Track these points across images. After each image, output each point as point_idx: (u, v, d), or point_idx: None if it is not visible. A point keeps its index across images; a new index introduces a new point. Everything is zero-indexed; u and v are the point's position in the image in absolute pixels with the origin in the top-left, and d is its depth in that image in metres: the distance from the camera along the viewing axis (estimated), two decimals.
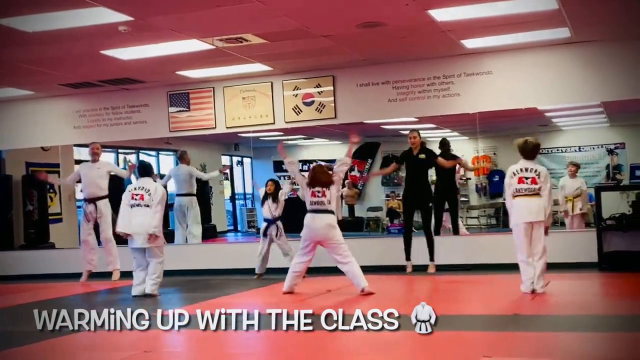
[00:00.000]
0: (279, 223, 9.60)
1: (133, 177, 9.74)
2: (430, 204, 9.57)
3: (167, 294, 8.38)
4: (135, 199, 8.28)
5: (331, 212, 7.69)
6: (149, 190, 8.28)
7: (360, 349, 4.85)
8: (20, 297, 8.95)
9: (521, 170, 7.27)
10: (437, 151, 10.42)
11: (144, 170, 8.58)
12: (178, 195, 11.60)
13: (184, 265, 10.67)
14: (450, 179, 10.51)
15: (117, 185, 10.86)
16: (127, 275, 9.82)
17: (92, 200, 9.95)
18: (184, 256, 10.95)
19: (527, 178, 7.22)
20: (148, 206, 8.22)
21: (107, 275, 10.14)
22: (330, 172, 7.84)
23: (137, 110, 11.38)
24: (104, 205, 9.94)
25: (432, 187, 10.15)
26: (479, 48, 9.57)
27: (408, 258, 9.48)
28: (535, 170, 7.25)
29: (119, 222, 8.44)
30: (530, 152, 7.33)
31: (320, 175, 7.74)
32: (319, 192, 7.66)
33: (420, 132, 9.79)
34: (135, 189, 8.34)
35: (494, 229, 14.08)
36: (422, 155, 9.46)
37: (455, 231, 10.51)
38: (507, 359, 4.65)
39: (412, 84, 10.08)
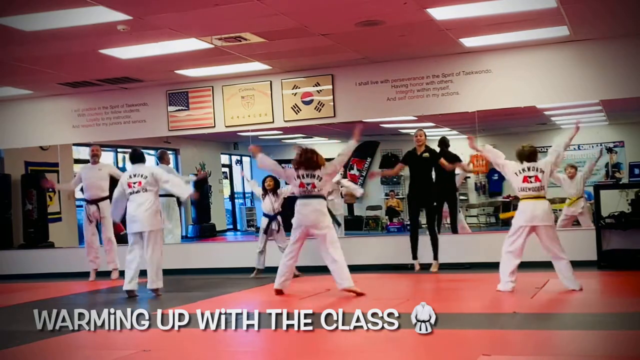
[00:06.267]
0: (279, 218, 9.56)
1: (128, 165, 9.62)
2: (435, 203, 9.55)
3: (166, 293, 8.37)
4: (133, 187, 8.27)
5: (322, 197, 7.59)
6: (145, 175, 8.28)
7: (360, 348, 4.85)
8: (20, 296, 8.95)
9: (524, 170, 7.31)
10: (437, 149, 10.41)
11: (136, 157, 8.53)
12: None
13: (183, 264, 10.67)
14: (449, 178, 10.51)
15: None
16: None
17: (94, 202, 9.98)
18: (184, 255, 10.95)
19: (530, 177, 7.26)
20: (147, 191, 8.25)
21: (107, 274, 10.16)
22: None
23: (136, 110, 11.37)
24: (106, 206, 9.97)
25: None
26: (477, 47, 9.57)
27: (415, 257, 9.47)
28: (537, 168, 7.27)
29: (112, 212, 8.57)
30: (527, 157, 7.38)
31: (310, 156, 7.59)
32: (308, 184, 7.54)
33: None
34: (130, 177, 8.32)
35: (493, 228, 14.10)
36: (426, 155, 9.44)
37: (454, 230, 10.51)
38: (506, 357, 4.66)
39: (411, 83, 10.08)
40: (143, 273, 8.44)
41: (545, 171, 7.28)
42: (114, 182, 10.22)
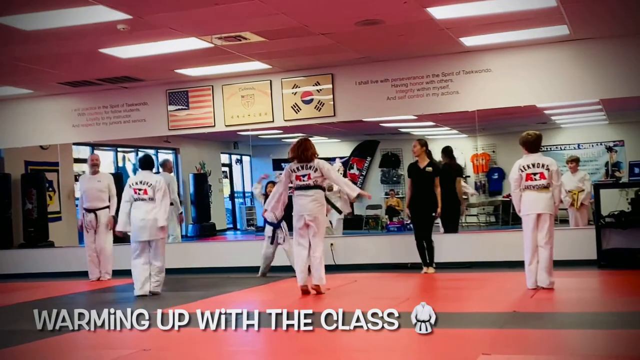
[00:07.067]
0: (284, 224, 9.33)
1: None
2: (433, 214, 9.43)
3: (166, 293, 8.37)
4: (139, 194, 8.26)
5: (319, 187, 7.58)
6: (151, 184, 8.27)
7: (360, 348, 4.85)
8: (20, 296, 8.94)
9: (528, 166, 7.26)
10: (438, 156, 10.28)
11: (146, 163, 8.52)
12: None
13: (184, 263, 10.67)
14: (452, 191, 10.33)
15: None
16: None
17: (93, 211, 9.96)
18: (184, 254, 10.95)
19: (535, 174, 7.22)
20: (152, 199, 8.23)
21: None
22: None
23: (136, 109, 11.37)
24: (104, 215, 9.98)
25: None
26: (477, 46, 9.56)
27: (425, 264, 9.26)
28: (543, 165, 7.23)
29: (119, 220, 8.48)
30: (532, 144, 7.32)
31: (304, 150, 7.55)
32: (304, 175, 7.55)
33: (420, 130, 9.74)
34: (136, 183, 8.31)
35: (493, 227, 14.09)
36: (429, 169, 9.31)
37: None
38: (506, 356, 4.66)
39: (411, 82, 10.08)
40: None
41: (552, 169, 7.21)
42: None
